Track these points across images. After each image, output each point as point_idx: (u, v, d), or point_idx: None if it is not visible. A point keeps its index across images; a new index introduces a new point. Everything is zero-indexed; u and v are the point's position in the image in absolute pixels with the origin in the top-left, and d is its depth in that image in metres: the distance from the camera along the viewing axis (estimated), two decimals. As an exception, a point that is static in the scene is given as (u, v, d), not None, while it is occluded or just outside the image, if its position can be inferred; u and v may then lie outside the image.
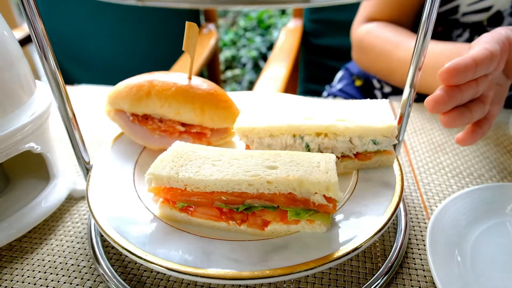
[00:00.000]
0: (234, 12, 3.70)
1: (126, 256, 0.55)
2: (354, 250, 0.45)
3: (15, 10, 2.21)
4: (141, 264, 0.53)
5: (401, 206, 0.61)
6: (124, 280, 0.51)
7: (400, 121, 0.59)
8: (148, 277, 0.52)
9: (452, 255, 0.52)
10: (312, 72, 1.75)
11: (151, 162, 0.52)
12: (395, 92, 1.14)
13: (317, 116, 0.59)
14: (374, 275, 0.51)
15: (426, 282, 0.51)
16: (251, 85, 3.04)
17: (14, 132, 0.52)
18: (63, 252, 0.57)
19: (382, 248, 0.56)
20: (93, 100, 1.02)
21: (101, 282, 0.52)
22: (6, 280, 0.52)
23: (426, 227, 0.59)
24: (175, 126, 0.64)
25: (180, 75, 0.65)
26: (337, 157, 0.58)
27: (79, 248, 0.57)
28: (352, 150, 0.58)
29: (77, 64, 1.79)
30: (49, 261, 0.55)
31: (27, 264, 0.55)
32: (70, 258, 0.55)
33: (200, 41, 1.60)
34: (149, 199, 0.54)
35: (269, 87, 1.23)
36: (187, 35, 0.60)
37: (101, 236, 0.57)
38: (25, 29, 1.66)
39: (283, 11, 3.60)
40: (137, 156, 0.64)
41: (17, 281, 0.52)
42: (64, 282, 0.52)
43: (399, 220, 0.59)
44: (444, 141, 0.81)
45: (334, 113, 0.59)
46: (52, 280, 0.52)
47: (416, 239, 0.57)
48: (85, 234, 0.60)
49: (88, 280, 0.52)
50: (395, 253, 0.54)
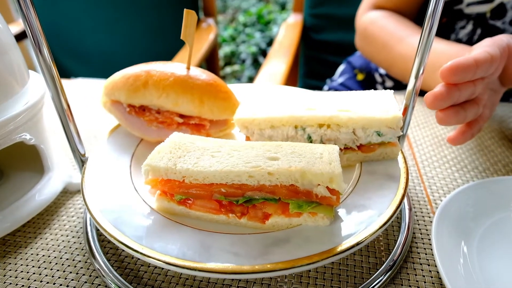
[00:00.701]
0: (234, 8, 3.67)
1: (123, 251, 0.53)
2: (358, 244, 0.43)
3: (12, 5, 2.18)
4: (138, 259, 0.52)
5: (405, 200, 0.59)
6: (121, 275, 0.50)
7: (405, 113, 0.57)
8: (145, 272, 0.50)
9: (458, 249, 0.50)
10: (312, 68, 1.73)
11: (148, 155, 0.50)
12: (397, 87, 1.13)
13: (320, 107, 0.57)
14: (378, 270, 0.50)
15: (432, 277, 0.49)
16: (251, 81, 3.02)
17: (7, 122, 0.50)
18: (58, 247, 0.55)
19: (386, 243, 0.54)
20: (89, 93, 1.00)
21: (97, 277, 0.50)
22: (-1, 275, 0.51)
23: (431, 221, 0.57)
24: (173, 118, 0.62)
25: (179, 65, 0.63)
26: (340, 149, 0.56)
27: (75, 243, 0.56)
28: (356, 142, 0.56)
29: (75, 59, 1.77)
30: (44, 256, 0.54)
31: (21, 259, 0.53)
32: (65, 253, 0.54)
33: (199, 36, 1.58)
34: (146, 192, 0.52)
35: (269, 83, 1.22)
36: (185, 24, 0.58)
37: (97, 230, 0.56)
38: (21, 24, 1.63)
39: (283, 7, 3.58)
40: (134, 149, 0.62)
41: (10, 276, 0.51)
42: (59, 277, 0.50)
43: (403, 214, 0.57)
44: (449, 134, 0.79)
45: (337, 104, 0.58)
46: (47, 275, 0.51)
47: (421, 233, 0.56)
48: (81, 228, 0.58)
49: (84, 275, 0.50)
50: (400, 248, 0.52)
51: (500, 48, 0.60)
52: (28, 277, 0.50)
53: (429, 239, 0.55)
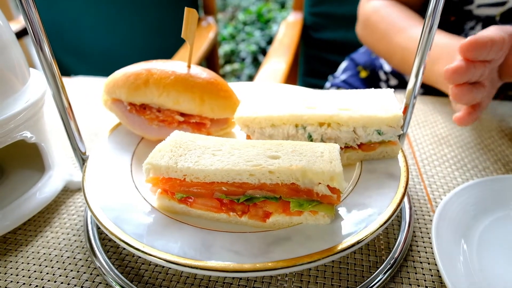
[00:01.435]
0: (233, 6, 3.67)
1: (124, 249, 0.54)
2: (358, 243, 0.43)
3: (11, 3, 2.18)
4: (139, 257, 0.52)
5: (406, 199, 0.60)
6: (122, 273, 0.50)
7: (405, 112, 0.57)
8: (146, 270, 0.51)
9: (458, 247, 0.51)
10: (312, 66, 1.73)
11: (149, 153, 0.50)
12: (402, 85, 1.12)
13: (320, 106, 0.57)
14: (378, 268, 0.50)
15: (432, 276, 0.49)
16: (250, 80, 3.02)
17: (7, 120, 0.50)
18: (59, 245, 0.55)
19: (386, 241, 0.54)
20: (90, 91, 1.00)
21: (98, 275, 0.50)
22: (0, 273, 0.51)
23: (431, 220, 0.58)
24: (174, 116, 0.62)
25: (179, 64, 0.63)
26: (341, 148, 0.56)
27: (75, 241, 0.56)
28: (356, 141, 0.56)
29: (75, 57, 1.77)
30: (44, 254, 0.54)
31: (22, 257, 0.53)
32: (66, 251, 0.54)
33: (199, 34, 1.57)
34: (147, 190, 0.52)
35: (269, 82, 1.22)
36: (186, 22, 0.58)
37: (98, 228, 0.56)
38: (21, 21, 1.63)
39: (283, 5, 3.57)
40: (135, 147, 0.62)
41: (11, 274, 0.51)
42: (60, 275, 0.50)
43: (403, 213, 0.58)
44: (448, 134, 0.80)
45: (338, 103, 0.58)
46: (47, 273, 0.51)
47: (421, 232, 0.56)
48: (82, 227, 0.58)
49: (84, 273, 0.50)
50: (400, 246, 0.52)
51: (507, 34, 0.62)
52: (29, 275, 0.50)
53: (429, 238, 0.55)
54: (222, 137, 0.54)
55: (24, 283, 0.49)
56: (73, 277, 0.50)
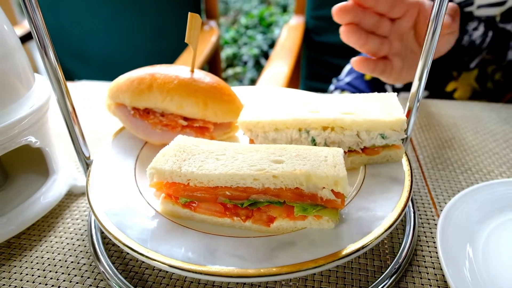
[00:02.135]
0: (235, 10, 3.68)
1: (127, 253, 0.53)
2: (363, 248, 0.43)
3: (16, 8, 2.19)
4: (143, 262, 0.52)
5: (410, 203, 0.59)
6: (125, 278, 0.50)
7: (409, 115, 0.57)
8: (150, 275, 0.50)
9: (464, 252, 0.50)
10: (314, 70, 1.73)
11: (153, 157, 0.50)
12: (407, 88, 1.12)
13: (323, 110, 0.57)
14: (383, 273, 0.49)
15: (437, 281, 0.49)
16: (253, 83, 3.03)
17: (12, 125, 0.51)
18: (63, 250, 0.55)
19: (391, 246, 0.54)
20: (94, 95, 1.01)
21: (102, 280, 0.50)
22: (4, 278, 0.51)
23: (435, 224, 0.57)
24: (177, 120, 0.62)
25: (183, 68, 0.63)
26: (344, 152, 0.56)
27: (79, 245, 0.56)
28: (360, 145, 0.56)
29: (78, 62, 1.78)
30: (48, 259, 0.54)
31: (26, 262, 0.53)
32: (70, 256, 0.54)
33: (202, 38, 1.58)
34: (151, 195, 0.52)
35: (271, 85, 1.22)
36: (190, 27, 0.58)
37: (102, 233, 0.56)
38: (25, 26, 1.64)
39: (285, 9, 3.58)
40: (138, 151, 0.63)
41: (15, 279, 0.51)
42: (64, 280, 0.50)
43: (408, 217, 0.57)
44: (452, 137, 0.79)
45: (341, 107, 0.58)
46: (51, 278, 0.51)
47: (426, 236, 0.56)
48: (85, 231, 0.58)
49: (88, 278, 0.50)
50: (404, 251, 0.52)
51: (412, 1, 0.70)
52: (33, 280, 0.50)
53: (434, 242, 0.55)
54: (226, 142, 0.54)
55: (28, 288, 0.49)
56: (77, 282, 0.50)
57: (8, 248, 0.56)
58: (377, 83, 1.18)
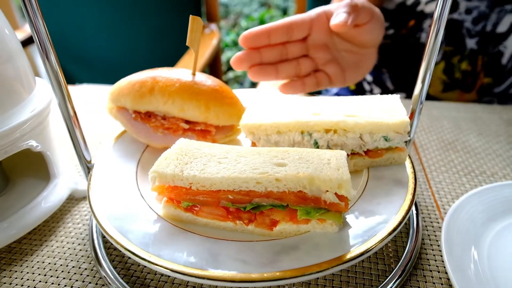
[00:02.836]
0: (236, 13, 3.69)
1: (129, 258, 0.53)
2: (368, 251, 0.43)
3: (17, 12, 2.20)
4: (145, 266, 0.51)
5: (414, 206, 0.59)
6: (127, 283, 0.49)
7: (412, 117, 0.57)
8: (152, 280, 0.50)
9: (469, 255, 0.50)
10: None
11: (154, 161, 0.50)
12: (385, 93, 1.13)
13: (326, 112, 0.57)
14: (388, 277, 0.49)
15: (442, 284, 0.48)
16: (254, 86, 3.02)
17: (13, 129, 0.50)
18: (64, 254, 0.55)
19: (395, 249, 0.53)
20: (95, 99, 1.01)
21: (103, 285, 0.50)
22: (5, 284, 0.50)
23: (440, 227, 0.57)
24: (179, 124, 0.62)
25: (184, 71, 0.63)
26: (347, 155, 0.56)
27: (81, 250, 0.55)
28: (363, 147, 0.56)
29: (79, 65, 1.78)
30: (50, 263, 0.53)
31: (27, 267, 0.53)
32: (71, 260, 0.54)
33: (202, 41, 1.58)
34: (153, 199, 0.52)
35: (273, 88, 1.21)
36: (191, 29, 0.58)
37: (103, 237, 0.56)
38: (26, 30, 1.65)
39: (285, 12, 3.59)
40: (140, 155, 0.62)
41: (16, 284, 0.50)
42: (65, 285, 0.50)
43: (412, 220, 0.57)
44: (455, 139, 0.79)
45: (343, 109, 0.57)
46: (53, 283, 0.50)
47: (430, 239, 0.55)
48: (87, 235, 0.58)
49: (90, 283, 0.50)
50: (409, 254, 0.51)
51: (316, 13, 0.70)
52: (34, 285, 0.50)
53: (439, 245, 0.54)
54: (228, 145, 0.54)
55: (29, 293, 0.49)
56: (79, 287, 0.49)
57: (9, 253, 0.55)
58: (360, 93, 1.18)
